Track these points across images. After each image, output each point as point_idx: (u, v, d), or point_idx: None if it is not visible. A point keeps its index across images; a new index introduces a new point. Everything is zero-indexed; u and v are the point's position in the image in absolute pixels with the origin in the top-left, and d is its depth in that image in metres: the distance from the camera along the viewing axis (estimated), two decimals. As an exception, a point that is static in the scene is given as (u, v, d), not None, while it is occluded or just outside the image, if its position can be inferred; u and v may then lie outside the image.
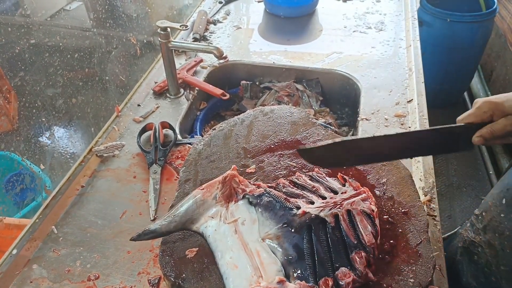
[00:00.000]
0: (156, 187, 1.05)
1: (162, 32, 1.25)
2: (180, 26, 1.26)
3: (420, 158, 1.11)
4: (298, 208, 0.77)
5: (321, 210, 0.76)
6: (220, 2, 1.95)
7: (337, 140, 0.75)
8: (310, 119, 1.09)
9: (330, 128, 1.10)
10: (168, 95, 1.40)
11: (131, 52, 1.52)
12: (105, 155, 1.15)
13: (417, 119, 1.22)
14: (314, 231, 0.74)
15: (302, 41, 1.69)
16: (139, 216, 0.99)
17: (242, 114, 1.13)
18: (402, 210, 0.84)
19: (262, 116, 1.11)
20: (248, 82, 1.55)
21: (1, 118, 1.14)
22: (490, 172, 2.49)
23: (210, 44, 1.62)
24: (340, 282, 0.69)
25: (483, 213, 0.99)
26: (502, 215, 0.90)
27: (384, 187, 0.89)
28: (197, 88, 1.44)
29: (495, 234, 0.92)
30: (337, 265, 0.71)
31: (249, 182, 0.85)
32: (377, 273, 0.74)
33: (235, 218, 0.78)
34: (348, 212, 0.77)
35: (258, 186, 0.84)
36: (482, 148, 2.61)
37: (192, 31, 1.70)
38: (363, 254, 0.72)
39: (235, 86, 1.57)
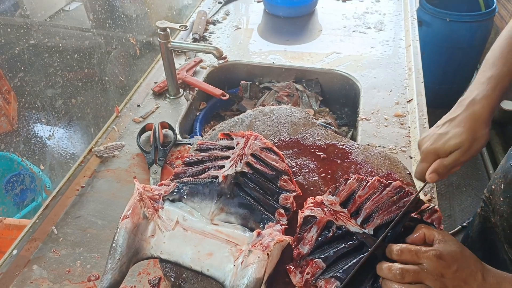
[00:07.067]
0: (156, 187, 1.05)
1: (161, 32, 1.25)
2: (179, 27, 1.26)
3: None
4: (216, 177, 0.81)
5: (235, 167, 0.83)
6: (220, 3, 1.95)
7: None
8: (309, 119, 1.09)
9: (330, 128, 1.10)
10: (167, 95, 1.40)
11: (131, 53, 1.52)
12: (105, 155, 1.15)
13: (416, 118, 1.22)
14: (243, 185, 0.81)
15: (302, 41, 1.69)
16: (139, 217, 0.99)
17: (242, 114, 1.13)
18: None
19: (261, 116, 1.11)
20: (247, 82, 1.55)
21: (0, 119, 1.14)
22: (490, 172, 2.49)
23: (210, 45, 1.62)
24: (287, 206, 0.80)
25: (490, 196, 1.05)
26: (501, 199, 0.96)
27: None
28: (196, 89, 1.44)
29: (498, 216, 0.98)
30: (276, 197, 0.81)
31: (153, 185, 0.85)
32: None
33: (174, 220, 0.77)
34: (253, 155, 0.86)
35: (163, 185, 0.83)
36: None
37: (191, 32, 1.70)
38: (285, 177, 0.83)
39: (235, 86, 1.57)
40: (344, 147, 1.00)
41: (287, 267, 0.74)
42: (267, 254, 0.67)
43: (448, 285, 0.63)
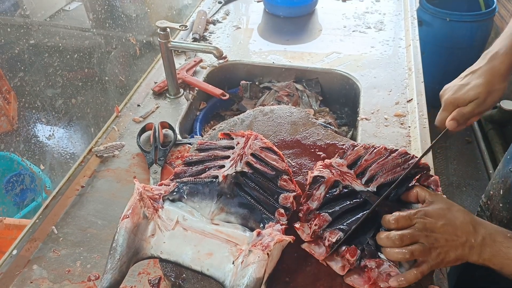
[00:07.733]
0: (156, 187, 1.05)
1: (161, 32, 1.25)
2: (179, 26, 1.26)
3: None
4: (216, 177, 0.81)
5: (235, 166, 0.83)
6: (220, 2, 1.95)
7: None
8: (309, 119, 1.09)
9: (330, 127, 1.10)
10: (167, 95, 1.40)
11: (131, 52, 1.52)
12: (105, 155, 1.15)
13: (416, 118, 1.22)
14: (243, 184, 0.81)
15: (302, 41, 1.69)
16: (139, 216, 0.99)
17: (242, 114, 1.13)
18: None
19: (262, 116, 1.11)
20: (247, 82, 1.55)
21: (0, 119, 1.14)
22: (490, 171, 2.49)
23: (210, 44, 1.62)
24: (287, 206, 0.80)
25: (488, 202, 1.05)
26: (500, 204, 0.95)
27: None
28: (196, 88, 1.44)
29: (497, 222, 0.96)
30: (276, 197, 0.81)
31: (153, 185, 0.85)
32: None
33: (174, 220, 0.77)
34: (253, 155, 0.86)
35: (163, 185, 0.83)
36: (481, 147, 2.62)
37: (191, 31, 1.70)
38: (285, 177, 0.83)
39: (235, 86, 1.57)
40: (344, 147, 1.00)
41: (294, 226, 0.78)
42: (267, 254, 0.67)
43: (439, 239, 0.67)
